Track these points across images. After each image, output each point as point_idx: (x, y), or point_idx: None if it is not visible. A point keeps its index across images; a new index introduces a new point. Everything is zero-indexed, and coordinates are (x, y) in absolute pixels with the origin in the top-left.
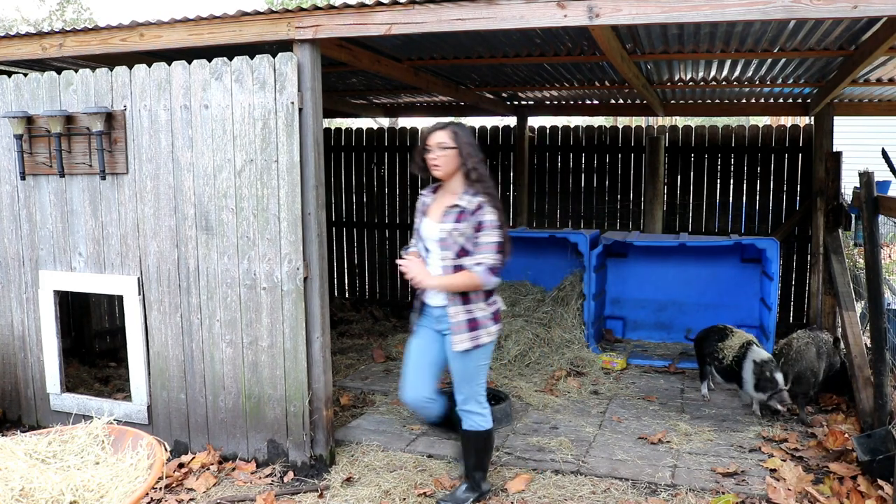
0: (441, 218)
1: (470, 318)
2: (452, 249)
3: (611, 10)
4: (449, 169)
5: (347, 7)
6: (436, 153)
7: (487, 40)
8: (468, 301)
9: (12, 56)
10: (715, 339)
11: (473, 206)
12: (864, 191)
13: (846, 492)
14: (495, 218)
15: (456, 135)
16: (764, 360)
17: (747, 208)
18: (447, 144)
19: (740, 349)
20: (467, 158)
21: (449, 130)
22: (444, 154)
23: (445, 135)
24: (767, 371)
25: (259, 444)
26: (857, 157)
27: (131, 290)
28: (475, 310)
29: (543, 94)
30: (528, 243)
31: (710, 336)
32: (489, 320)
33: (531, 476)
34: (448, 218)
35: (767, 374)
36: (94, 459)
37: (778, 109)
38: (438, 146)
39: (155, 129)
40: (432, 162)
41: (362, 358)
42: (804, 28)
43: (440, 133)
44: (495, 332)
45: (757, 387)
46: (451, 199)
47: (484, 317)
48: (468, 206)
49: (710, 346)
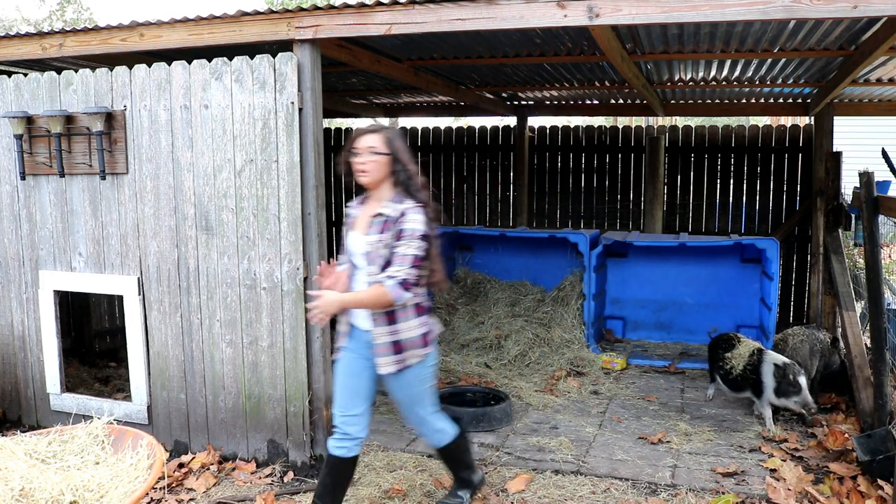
0: (367, 229)
1: (394, 340)
2: (377, 263)
3: (611, 10)
4: (377, 176)
5: (347, 7)
6: (364, 158)
7: (487, 40)
8: (394, 321)
9: (12, 56)
10: (721, 349)
11: (397, 213)
12: (864, 191)
13: (846, 492)
14: (418, 227)
15: (390, 140)
16: (785, 363)
17: (747, 208)
18: (379, 150)
19: (751, 356)
20: (400, 166)
21: (382, 135)
22: (373, 160)
23: (378, 139)
24: (790, 374)
25: (259, 444)
26: (857, 157)
27: (131, 290)
28: (402, 330)
29: (543, 94)
30: (528, 243)
31: (717, 345)
32: (417, 342)
33: (531, 476)
34: (373, 229)
35: (790, 378)
36: (94, 459)
37: (778, 109)
38: (368, 150)
39: (155, 129)
40: (359, 167)
41: None
42: (804, 28)
43: (372, 136)
44: (424, 354)
45: (778, 391)
46: (377, 208)
47: (410, 339)
48: (392, 214)
49: (716, 356)
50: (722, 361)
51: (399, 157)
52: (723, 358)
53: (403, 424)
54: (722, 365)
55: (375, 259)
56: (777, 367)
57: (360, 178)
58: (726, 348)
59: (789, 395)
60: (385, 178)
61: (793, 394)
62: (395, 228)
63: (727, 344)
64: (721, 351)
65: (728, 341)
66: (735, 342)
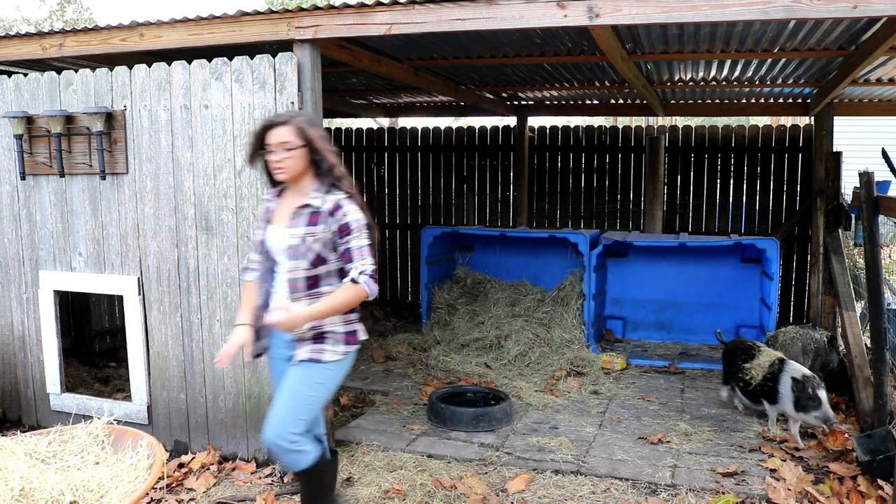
0: (290, 221)
1: (317, 333)
2: (307, 258)
3: (611, 10)
4: (296, 171)
5: (347, 7)
6: (279, 155)
7: (487, 40)
8: None
9: (12, 56)
10: (741, 358)
11: (329, 205)
12: (864, 191)
13: (846, 492)
14: (361, 217)
15: (302, 130)
16: (805, 376)
17: (747, 208)
18: (292, 143)
19: (771, 367)
20: (320, 154)
21: (293, 125)
22: (289, 155)
23: (289, 131)
24: (810, 388)
25: (259, 444)
26: (857, 157)
27: (131, 290)
28: (326, 323)
29: (543, 94)
30: (528, 243)
31: (735, 353)
32: (340, 337)
33: (531, 476)
34: (298, 220)
35: (810, 392)
36: (94, 459)
37: (778, 109)
38: (282, 146)
39: (155, 129)
40: (275, 165)
41: (362, 358)
42: (804, 28)
43: (283, 130)
44: (344, 353)
45: (797, 405)
46: (301, 199)
47: (334, 332)
48: (323, 206)
49: (735, 366)
50: (742, 372)
51: (316, 146)
52: (742, 368)
53: (403, 424)
54: (742, 376)
55: (304, 253)
56: (795, 381)
57: (278, 175)
58: (745, 358)
59: (808, 410)
60: (305, 169)
61: (812, 408)
62: (334, 223)
63: (746, 353)
64: (740, 361)
65: (747, 350)
66: (755, 351)
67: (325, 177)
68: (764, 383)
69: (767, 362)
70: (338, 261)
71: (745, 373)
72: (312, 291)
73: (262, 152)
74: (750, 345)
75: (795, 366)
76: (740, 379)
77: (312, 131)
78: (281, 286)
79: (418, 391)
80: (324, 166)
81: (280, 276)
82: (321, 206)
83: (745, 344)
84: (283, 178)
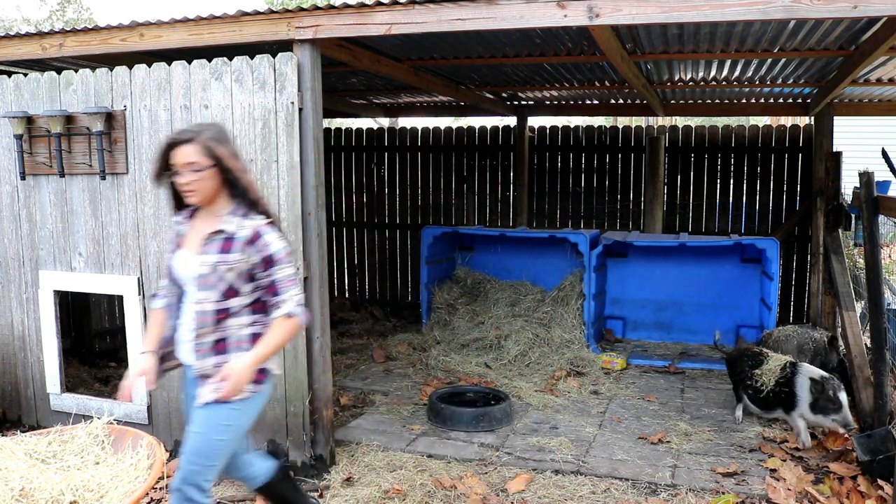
0: (201, 248)
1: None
2: (217, 289)
3: (611, 10)
4: (207, 193)
5: (347, 7)
6: (186, 178)
7: (487, 40)
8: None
9: (12, 56)
10: (748, 365)
11: (247, 231)
12: (864, 191)
13: (846, 492)
14: (284, 245)
15: (209, 148)
16: (824, 377)
17: (747, 208)
18: (200, 164)
19: (783, 371)
20: (231, 173)
21: (198, 143)
22: (197, 177)
23: (194, 151)
24: (830, 390)
25: (259, 444)
26: (857, 157)
27: (131, 290)
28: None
29: (543, 94)
30: (528, 243)
31: (741, 360)
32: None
33: (531, 476)
34: (210, 248)
35: (831, 394)
36: (94, 459)
37: (778, 109)
38: (188, 167)
39: (155, 129)
40: (184, 188)
41: (362, 358)
42: (804, 28)
43: (187, 149)
44: (252, 392)
45: (815, 408)
46: (213, 224)
47: None
48: (239, 232)
49: (743, 373)
50: (750, 379)
51: (225, 165)
52: (751, 376)
53: (403, 424)
54: (751, 384)
55: (214, 284)
56: (814, 382)
57: (189, 198)
58: (753, 365)
59: (828, 413)
60: (217, 190)
61: (832, 411)
62: (254, 252)
63: (754, 360)
64: (748, 368)
65: (754, 357)
66: (763, 357)
67: (240, 198)
68: (778, 389)
69: (778, 366)
70: (254, 293)
71: (756, 379)
72: (221, 326)
73: (169, 173)
74: (756, 350)
75: (810, 367)
76: (749, 386)
77: (221, 149)
78: (187, 319)
79: (418, 391)
80: (238, 188)
81: (187, 308)
82: (236, 233)
83: (751, 350)
84: (195, 202)
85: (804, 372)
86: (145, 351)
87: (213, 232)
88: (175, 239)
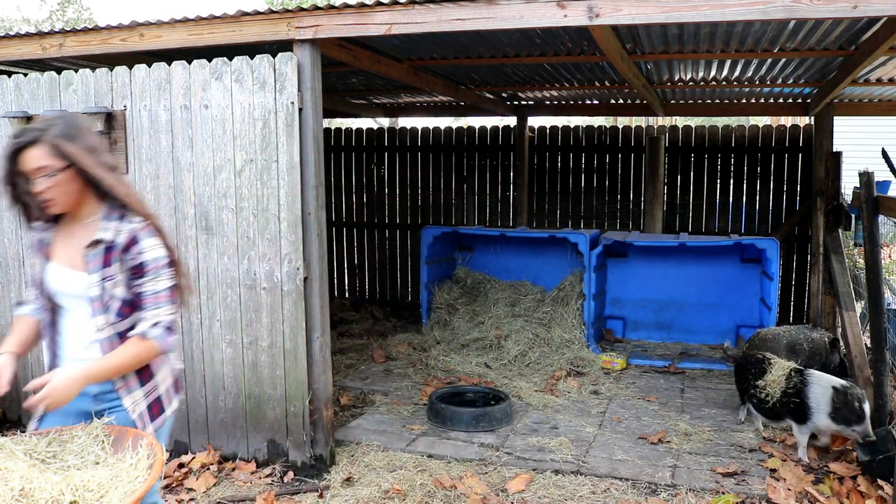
0: (84, 265)
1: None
2: (111, 309)
3: (611, 10)
4: (69, 198)
5: (347, 7)
6: (42, 185)
7: (487, 40)
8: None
9: (12, 56)
10: (751, 374)
11: (124, 237)
12: (864, 191)
13: (846, 492)
14: (160, 253)
15: (58, 147)
16: (844, 385)
17: (747, 208)
18: (52, 168)
19: (790, 379)
20: (92, 171)
21: (45, 143)
22: (52, 183)
23: (43, 153)
24: (855, 401)
25: (259, 444)
26: (857, 157)
27: None
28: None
29: (543, 94)
30: (528, 243)
31: (746, 368)
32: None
33: (531, 476)
34: (93, 264)
35: (856, 406)
36: (94, 459)
37: (778, 109)
38: (39, 173)
39: (155, 130)
40: (41, 198)
41: (362, 358)
42: (804, 28)
43: (36, 153)
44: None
45: (836, 418)
46: (89, 233)
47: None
48: (117, 239)
49: (747, 383)
50: (754, 389)
51: (82, 164)
52: (755, 386)
53: (403, 424)
54: (755, 393)
55: (107, 304)
56: (837, 391)
57: (50, 209)
58: (757, 374)
59: (850, 423)
60: (82, 194)
61: (854, 422)
62: (126, 260)
63: (757, 368)
64: (752, 378)
65: (758, 365)
66: (766, 365)
67: (109, 199)
68: (787, 399)
69: (783, 375)
70: None
71: (760, 391)
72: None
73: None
74: (759, 357)
75: (823, 375)
76: (753, 396)
77: (71, 146)
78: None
79: (418, 391)
80: (104, 187)
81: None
82: (115, 240)
83: (755, 357)
84: (58, 211)
85: (816, 381)
86: (4, 352)
87: (92, 243)
88: (38, 248)
